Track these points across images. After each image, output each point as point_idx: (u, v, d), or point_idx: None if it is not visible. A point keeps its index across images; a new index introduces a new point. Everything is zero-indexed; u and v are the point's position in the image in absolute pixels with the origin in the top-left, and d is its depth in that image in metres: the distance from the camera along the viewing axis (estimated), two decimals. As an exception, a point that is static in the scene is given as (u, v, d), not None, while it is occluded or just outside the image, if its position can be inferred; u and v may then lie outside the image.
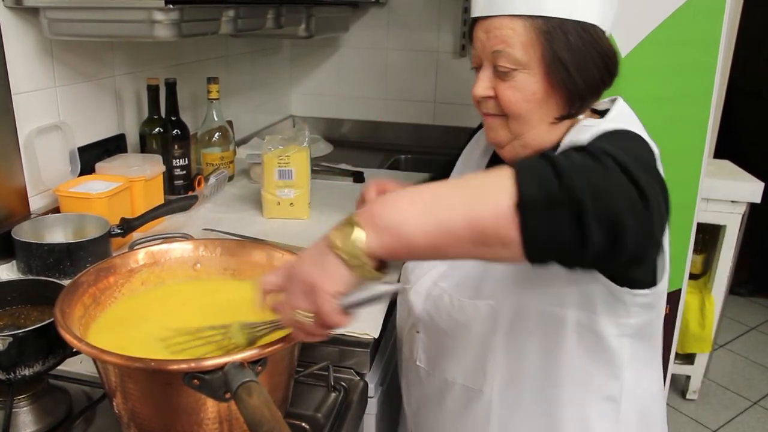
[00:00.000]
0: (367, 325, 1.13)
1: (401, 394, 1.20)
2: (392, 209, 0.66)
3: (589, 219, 0.62)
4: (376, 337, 1.11)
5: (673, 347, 2.03)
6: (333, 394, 1.02)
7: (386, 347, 1.23)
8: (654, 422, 1.03)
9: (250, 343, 0.78)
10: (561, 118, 0.93)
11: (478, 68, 0.96)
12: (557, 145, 0.94)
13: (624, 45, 1.56)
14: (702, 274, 2.71)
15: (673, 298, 1.93)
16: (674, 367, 2.34)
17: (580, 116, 0.95)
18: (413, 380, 1.13)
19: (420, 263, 1.09)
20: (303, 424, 0.92)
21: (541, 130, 0.93)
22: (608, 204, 0.63)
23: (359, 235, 0.65)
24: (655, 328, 0.97)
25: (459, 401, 1.03)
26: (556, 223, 0.63)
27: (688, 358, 2.70)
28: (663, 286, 0.90)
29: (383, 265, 0.69)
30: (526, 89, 0.90)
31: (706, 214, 2.46)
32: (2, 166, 1.31)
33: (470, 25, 0.97)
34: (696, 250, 2.60)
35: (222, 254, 1.01)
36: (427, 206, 0.66)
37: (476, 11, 0.93)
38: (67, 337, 0.74)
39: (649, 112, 1.66)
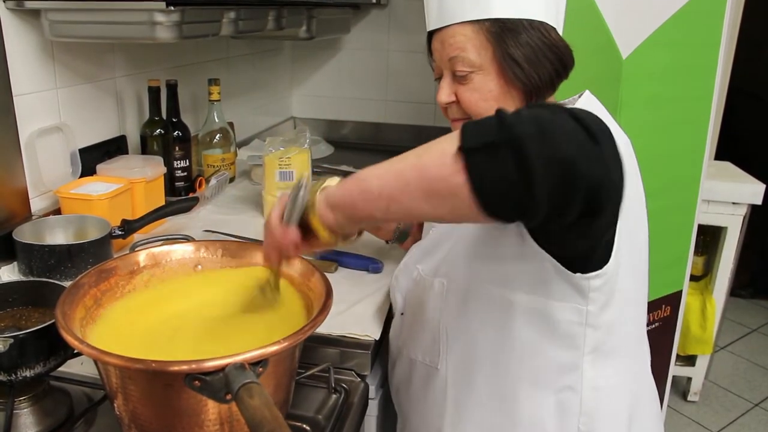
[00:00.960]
0: (368, 327, 1.13)
1: None
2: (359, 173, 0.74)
3: (533, 157, 0.60)
4: (377, 338, 1.11)
5: (674, 349, 2.03)
6: (334, 396, 1.02)
7: (387, 349, 1.23)
8: (637, 425, 1.02)
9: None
10: None
11: (439, 78, 1.02)
12: None
13: (625, 47, 1.57)
14: (703, 276, 2.71)
15: (674, 299, 1.93)
16: (675, 369, 2.34)
17: None
18: (393, 362, 1.17)
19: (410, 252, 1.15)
20: (304, 425, 0.92)
21: None
22: (553, 144, 0.61)
23: (328, 182, 0.79)
24: (628, 324, 0.96)
25: (421, 380, 1.08)
26: (499, 163, 0.61)
27: (689, 360, 2.70)
28: (615, 270, 0.87)
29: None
30: (484, 89, 0.95)
31: (707, 216, 2.46)
32: (3, 167, 1.31)
33: (427, 39, 1.03)
34: (697, 252, 2.59)
35: (223, 256, 1.01)
36: (385, 164, 0.71)
37: (430, 25, 1.00)
38: (68, 339, 0.74)
39: (651, 113, 1.67)
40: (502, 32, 0.92)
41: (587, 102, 1.00)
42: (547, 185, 0.61)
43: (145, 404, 0.76)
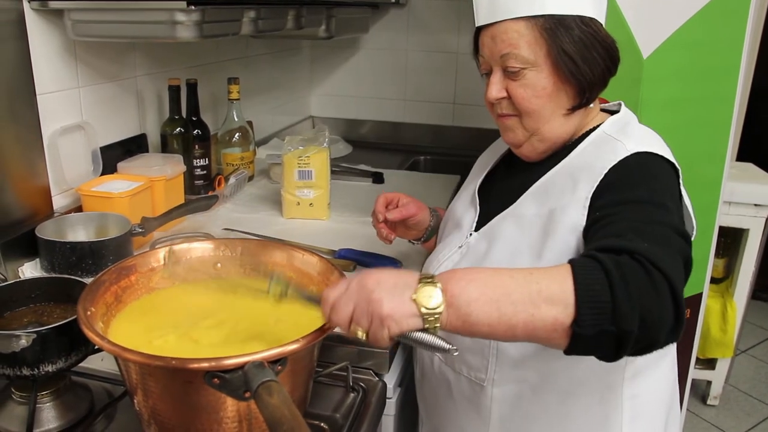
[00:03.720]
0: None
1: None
2: (467, 293, 0.72)
3: (630, 343, 0.70)
4: (395, 338, 1.11)
5: (693, 352, 2.01)
6: (352, 395, 1.02)
7: (405, 349, 1.22)
8: (666, 422, 1.03)
9: (281, 296, 0.84)
10: (573, 109, 0.97)
11: (487, 74, 1.00)
12: (576, 138, 0.99)
13: (646, 46, 1.55)
14: (724, 279, 2.67)
15: (694, 302, 1.90)
16: (695, 372, 2.31)
17: (591, 105, 0.99)
18: (427, 371, 1.14)
19: (436, 254, 1.13)
20: (322, 424, 0.92)
21: (555, 122, 0.97)
22: (651, 333, 0.71)
23: (440, 306, 0.72)
24: None
25: (464, 394, 1.05)
26: (601, 343, 0.71)
27: (709, 363, 2.66)
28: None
29: None
30: (537, 85, 0.94)
31: (728, 218, 2.43)
32: (26, 165, 1.33)
33: (474, 34, 1.01)
34: (718, 254, 2.57)
35: (242, 254, 1.01)
36: (495, 297, 0.72)
37: (480, 20, 0.98)
38: (90, 335, 0.75)
39: (672, 114, 1.65)
40: (556, 28, 0.91)
41: (630, 117, 1.02)
42: (628, 354, 0.73)
43: (164, 401, 0.77)
